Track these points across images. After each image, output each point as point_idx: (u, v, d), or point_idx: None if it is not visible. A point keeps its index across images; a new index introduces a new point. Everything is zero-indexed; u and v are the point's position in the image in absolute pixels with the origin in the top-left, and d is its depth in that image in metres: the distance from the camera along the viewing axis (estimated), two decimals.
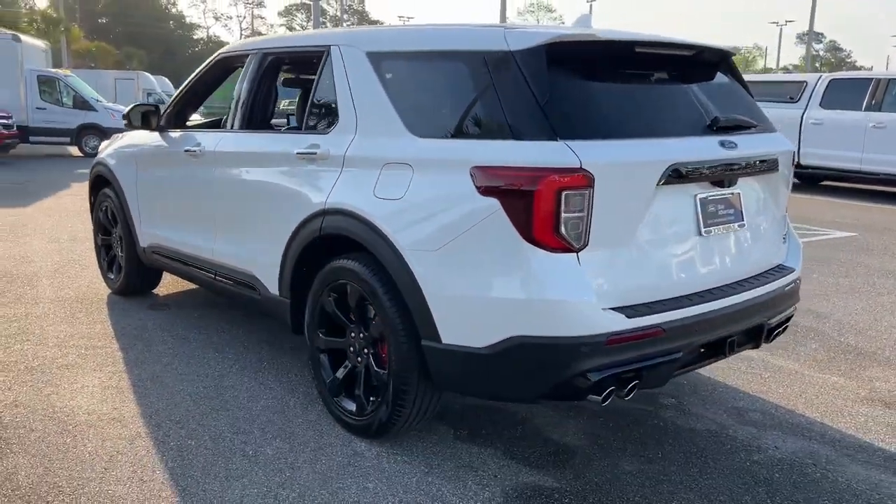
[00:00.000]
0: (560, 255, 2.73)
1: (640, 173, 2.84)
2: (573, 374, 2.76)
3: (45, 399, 3.79)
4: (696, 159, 2.97)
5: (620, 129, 2.90)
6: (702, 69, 3.42)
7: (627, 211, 2.82)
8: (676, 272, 3.00)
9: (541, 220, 2.68)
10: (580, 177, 2.68)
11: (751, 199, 3.31)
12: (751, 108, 3.53)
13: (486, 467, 3.18)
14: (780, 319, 3.50)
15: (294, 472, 3.12)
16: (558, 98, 2.82)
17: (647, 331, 2.82)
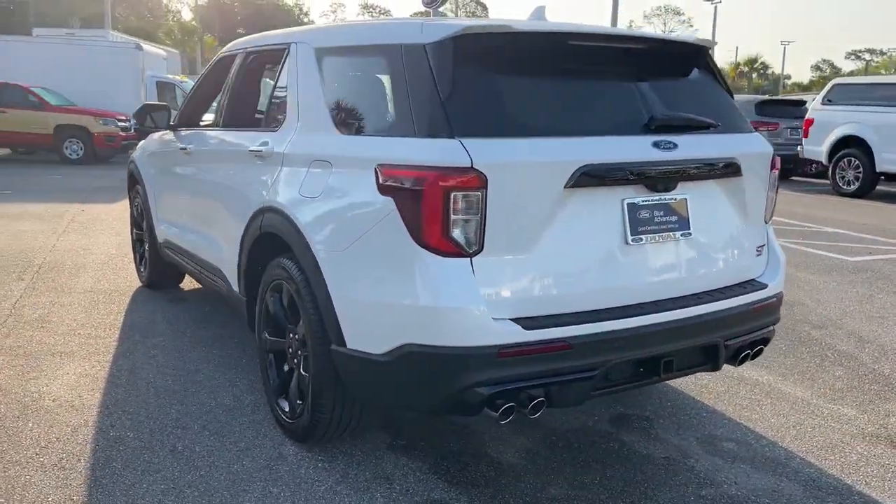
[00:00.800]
0: (451, 260, 2.55)
1: (544, 175, 2.61)
2: (462, 386, 2.58)
3: (24, 384, 3.96)
4: (616, 161, 2.71)
5: (529, 126, 2.68)
6: (659, 64, 3.13)
7: (530, 215, 2.61)
8: (593, 283, 2.75)
9: (429, 222, 2.52)
10: (471, 177, 2.50)
11: (702, 207, 2.99)
12: (720, 107, 3.20)
13: (404, 480, 3.04)
14: (746, 340, 3.15)
15: (210, 470, 3.10)
16: (463, 93, 2.65)
17: (549, 345, 2.60)
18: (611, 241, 2.76)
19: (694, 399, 3.96)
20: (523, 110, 2.73)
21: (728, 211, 3.11)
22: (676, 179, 2.86)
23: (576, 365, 2.67)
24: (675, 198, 2.90)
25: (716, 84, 3.29)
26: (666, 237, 2.87)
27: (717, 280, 3.07)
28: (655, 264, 2.87)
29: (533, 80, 2.82)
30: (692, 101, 3.13)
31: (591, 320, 2.68)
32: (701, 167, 2.93)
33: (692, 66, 3.24)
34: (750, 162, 3.11)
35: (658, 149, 2.79)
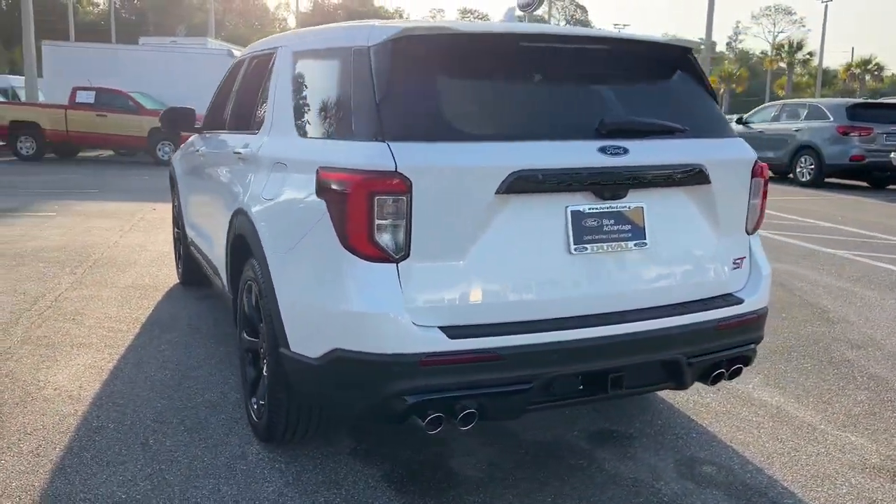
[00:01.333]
0: (376, 265, 2.51)
1: (473, 180, 2.53)
2: (385, 394, 2.54)
3: (35, 373, 4.17)
4: (552, 166, 2.59)
5: (463, 130, 2.60)
6: (627, 66, 2.98)
7: (460, 221, 2.53)
8: (530, 292, 2.64)
9: (355, 226, 2.49)
10: (395, 181, 2.45)
11: (663, 216, 2.83)
12: (696, 110, 3.02)
13: (352, 487, 3.01)
14: (718, 359, 2.96)
15: (170, 465, 3.17)
16: (399, 96, 2.61)
17: (475, 355, 2.52)
18: (552, 249, 2.65)
19: (689, 418, 3.76)
20: (460, 114, 2.65)
21: (696, 221, 2.92)
22: (626, 186, 2.71)
23: (507, 377, 2.58)
24: (629, 206, 2.75)
25: (694, 86, 3.10)
26: (616, 247, 2.73)
27: (681, 294, 2.89)
28: (603, 275, 2.73)
29: (474, 83, 2.74)
30: (661, 105, 2.96)
31: (525, 331, 2.58)
32: (656, 174, 2.77)
33: (666, 68, 3.07)
34: (722, 168, 2.92)
35: (604, 154, 2.66)
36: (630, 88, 2.95)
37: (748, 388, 4.15)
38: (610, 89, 2.88)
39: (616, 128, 2.73)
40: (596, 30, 2.99)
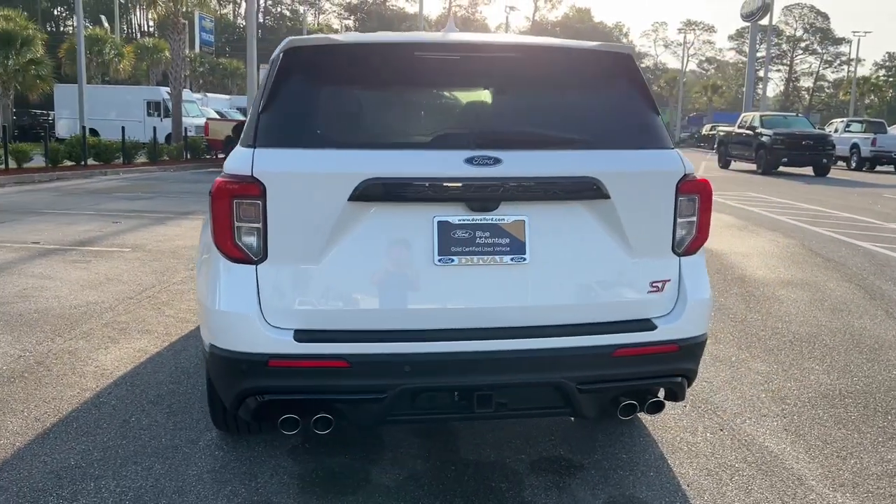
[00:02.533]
0: (239, 266, 2.63)
1: (325, 186, 2.55)
2: (239, 391, 2.64)
3: (93, 352, 4.75)
4: (408, 175, 2.53)
5: (326, 138, 2.63)
6: (541, 74, 2.83)
7: (315, 226, 2.57)
8: (388, 301, 2.60)
9: (220, 227, 2.63)
10: (250, 185, 2.56)
11: (550, 231, 2.64)
12: (612, 120, 2.80)
13: (265, 482, 3.12)
14: (624, 388, 2.72)
15: (131, 441, 3.48)
16: (276, 104, 2.71)
17: (322, 359, 2.54)
18: (415, 260, 2.59)
19: (661, 454, 3.44)
20: (327, 122, 2.69)
21: (595, 238, 2.70)
22: (497, 199, 2.58)
23: (356, 385, 2.57)
24: (505, 218, 2.61)
25: (623, 95, 2.87)
26: (490, 261, 2.61)
27: (569, 315, 2.69)
28: (473, 289, 2.62)
29: (348, 92, 2.76)
30: (571, 115, 2.78)
31: (376, 340, 2.55)
32: (535, 186, 2.60)
33: (589, 77, 2.87)
34: (627, 183, 2.67)
35: (471, 165, 2.55)
36: (539, 99, 2.80)
37: (759, 430, 3.70)
38: (512, 100, 2.76)
39: (490, 138, 2.62)
40: (517, 37, 2.86)
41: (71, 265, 7.38)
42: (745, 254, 8.69)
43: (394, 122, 2.74)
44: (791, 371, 4.60)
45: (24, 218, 10.64)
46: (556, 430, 3.64)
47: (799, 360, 4.81)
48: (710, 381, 4.41)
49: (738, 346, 5.08)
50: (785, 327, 5.57)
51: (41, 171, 17.41)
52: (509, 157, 2.59)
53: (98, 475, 3.16)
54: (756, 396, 4.16)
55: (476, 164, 2.56)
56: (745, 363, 4.74)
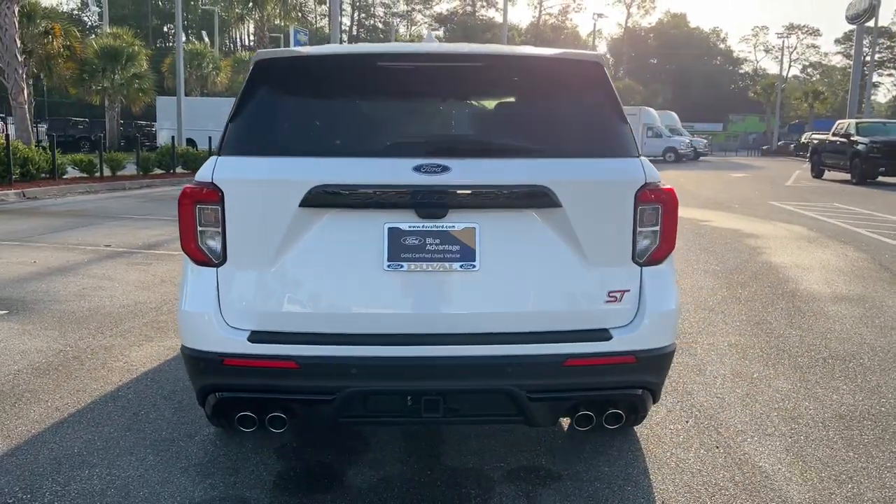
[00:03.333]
0: (203, 269, 2.76)
1: (276, 193, 2.64)
2: (199, 387, 2.76)
3: (126, 349, 5.04)
4: (354, 182, 2.59)
5: (281, 146, 2.73)
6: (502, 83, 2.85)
7: (268, 231, 2.66)
8: (338, 306, 2.66)
9: (186, 231, 2.77)
10: (209, 191, 2.68)
11: (501, 239, 2.65)
12: (570, 127, 2.78)
13: (245, 477, 3.24)
14: (576, 398, 2.69)
15: (133, 433, 3.68)
16: (247, 113, 2.83)
17: (272, 360, 2.63)
18: (366, 265, 2.65)
19: (644, 468, 3.36)
20: (286, 131, 2.79)
21: (549, 247, 2.68)
22: (445, 206, 2.61)
23: (305, 386, 2.65)
24: (455, 226, 2.63)
25: (586, 103, 2.84)
26: (439, 267, 2.64)
27: (519, 322, 2.68)
28: (422, 295, 2.65)
29: (308, 103, 2.85)
30: (527, 123, 2.78)
31: (325, 342, 2.62)
32: (483, 194, 2.61)
33: (552, 85, 2.85)
34: (581, 191, 2.65)
35: (419, 172, 2.59)
36: (499, 108, 2.82)
37: (758, 449, 3.56)
38: (469, 109, 2.80)
39: (440, 147, 2.66)
40: (486, 46, 2.88)
41: (132, 267, 7.81)
42: (806, 267, 8.31)
43: (349, 131, 2.82)
44: (814, 390, 4.40)
45: (105, 222, 11.31)
46: (542, 440, 3.62)
47: (826, 379, 4.58)
48: (723, 397, 4.26)
49: (764, 363, 4.89)
50: (823, 344, 5.32)
51: (132, 178, 18.44)
52: (458, 165, 2.61)
53: (94, 463, 3.36)
54: (766, 415, 4.00)
55: (424, 171, 2.60)
56: (766, 380, 4.55)
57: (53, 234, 10.08)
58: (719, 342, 5.33)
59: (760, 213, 13.81)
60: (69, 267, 7.76)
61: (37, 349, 4.98)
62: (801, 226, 11.98)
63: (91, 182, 17.04)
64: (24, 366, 4.65)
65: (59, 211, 12.93)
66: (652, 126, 38.65)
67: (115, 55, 31.62)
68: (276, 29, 43.75)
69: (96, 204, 14.12)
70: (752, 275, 7.82)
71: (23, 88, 17.72)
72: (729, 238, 10.50)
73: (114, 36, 33.38)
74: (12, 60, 17.50)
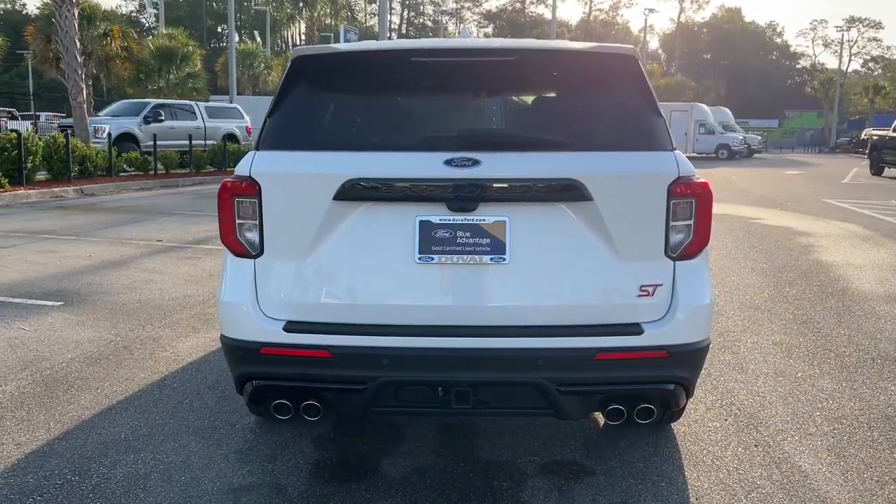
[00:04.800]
0: (240, 261, 2.84)
1: (311, 186, 2.70)
2: (240, 376, 2.84)
3: (173, 340, 5.18)
4: (386, 176, 2.63)
5: (317, 140, 2.79)
6: (535, 77, 2.86)
7: (304, 224, 2.72)
8: (371, 297, 2.71)
9: (226, 224, 2.85)
10: (248, 185, 2.76)
11: (532, 232, 2.66)
12: (603, 121, 2.78)
13: (282, 465, 3.32)
14: (606, 392, 2.68)
15: (178, 420, 3.80)
16: (285, 109, 2.90)
17: (307, 349, 2.70)
18: (397, 258, 2.69)
19: (679, 464, 3.33)
20: (321, 125, 2.84)
21: (580, 240, 2.68)
22: (476, 199, 2.63)
23: (338, 375, 2.70)
24: (486, 219, 2.66)
25: (620, 96, 2.83)
26: (469, 260, 2.66)
27: (550, 316, 2.68)
28: (453, 288, 2.68)
29: (343, 98, 2.91)
30: (561, 117, 2.79)
31: (358, 333, 2.67)
32: (514, 188, 2.63)
33: (586, 78, 2.85)
34: (612, 184, 2.64)
35: (450, 166, 2.62)
36: (531, 102, 2.83)
37: (799, 448, 3.50)
38: (502, 103, 2.82)
39: (471, 140, 2.68)
40: (521, 41, 2.89)
41: (182, 261, 8.02)
42: (859, 266, 8.09)
43: (381, 126, 2.86)
44: (860, 390, 4.29)
45: (157, 218, 11.63)
46: (577, 435, 3.61)
47: (874, 380, 4.47)
48: (764, 395, 4.19)
49: (809, 362, 4.79)
50: (872, 344, 5.18)
51: (185, 175, 18.90)
52: (489, 159, 2.63)
53: (139, 448, 3.48)
54: (809, 414, 3.93)
55: (455, 165, 2.63)
56: (810, 380, 4.46)
57: (108, 229, 10.40)
58: (763, 341, 5.24)
59: (814, 211, 13.48)
60: (122, 261, 8.01)
61: (89, 339, 5.16)
62: (856, 224, 11.65)
63: (145, 179, 17.52)
64: (77, 354, 4.83)
65: (115, 207, 13.34)
66: (704, 122, 37.93)
67: (169, 55, 32.37)
68: (326, 28, 44.21)
69: (150, 201, 14.52)
70: (801, 273, 7.65)
71: (82, 89, 18.28)
72: (779, 236, 10.28)
73: (169, 37, 34.17)
74: (72, 62, 18.08)
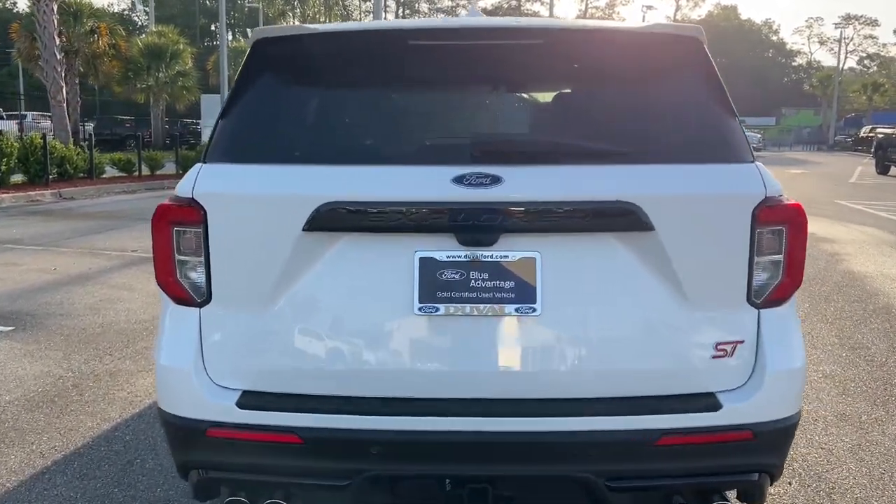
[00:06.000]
0: (183, 309, 2.14)
1: (275, 212, 2.01)
2: (179, 463, 2.15)
3: (130, 376, 4.49)
4: (376, 198, 1.94)
5: (286, 150, 2.10)
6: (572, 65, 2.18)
7: (265, 262, 2.03)
8: (354, 361, 2.02)
9: (162, 261, 2.15)
10: (189, 209, 2.06)
11: (570, 272, 1.97)
12: (665, 123, 2.10)
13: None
14: (671, 487, 2.00)
15: (117, 489, 3.12)
16: (243, 107, 2.21)
17: (268, 432, 2.00)
18: (391, 308, 2.00)
19: None
20: (290, 130, 2.15)
21: (635, 283, 1.99)
22: (496, 229, 1.94)
23: (311, 467, 2.01)
24: (509, 255, 1.97)
25: (680, 90, 2.15)
26: (486, 311, 1.97)
27: (600, 386, 2.00)
28: (463, 348, 1.99)
29: (319, 93, 2.22)
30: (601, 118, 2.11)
31: (337, 410, 1.98)
32: (544, 213, 1.94)
33: (635, 66, 2.17)
34: (682, 208, 1.96)
35: (461, 185, 1.93)
36: (565, 99, 2.15)
37: None
38: (527, 101, 2.14)
39: (490, 149, 1.99)
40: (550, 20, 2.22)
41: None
42: (895, 277, 7.43)
43: (369, 131, 2.17)
44: None
45: (137, 224, 10.90)
46: None
47: None
48: (830, 448, 3.52)
49: (871, 401, 4.11)
50: None
51: (171, 177, 18.13)
52: (513, 175, 1.95)
53: None
54: (890, 475, 3.25)
55: (467, 183, 1.93)
56: (879, 424, 3.79)
57: (82, 237, 9.69)
58: (812, 372, 4.56)
59: (829, 214, 12.82)
60: (90, 275, 7.30)
61: (35, 375, 4.46)
62: (876, 228, 11.01)
63: (129, 181, 16.80)
64: (17, 396, 4.13)
65: (93, 212, 12.61)
66: None
67: (159, 53, 31.63)
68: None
69: (132, 204, 13.79)
70: (834, 286, 6.98)
71: (62, 87, 17.51)
72: None
73: (158, 34, 33.44)
74: (51, 58, 17.30)
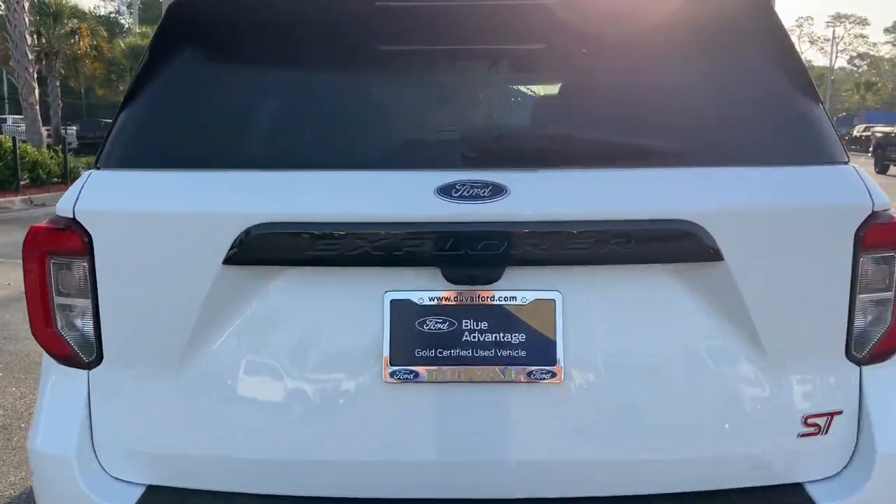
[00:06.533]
0: (66, 372, 1.56)
1: (189, 237, 1.42)
2: None
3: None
4: (329, 217, 1.36)
5: (204, 150, 1.52)
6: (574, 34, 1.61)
7: (175, 307, 1.45)
8: (299, 447, 1.44)
9: (35, 305, 1.56)
10: (70, 234, 1.48)
11: (603, 320, 1.40)
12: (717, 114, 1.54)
13: None
14: None
15: None
16: (150, 94, 1.63)
17: None
18: (350, 373, 1.42)
19: None
20: (210, 124, 1.57)
21: (694, 333, 1.42)
22: (499, 261, 1.36)
23: None
24: (517, 297, 1.39)
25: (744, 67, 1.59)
26: (485, 376, 1.40)
27: (644, 479, 1.43)
28: (452, 430, 1.42)
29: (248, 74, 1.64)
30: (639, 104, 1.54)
31: None
32: (568, 238, 1.36)
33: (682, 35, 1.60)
34: (760, 229, 1.39)
35: (448, 197, 1.35)
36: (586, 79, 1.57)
37: None
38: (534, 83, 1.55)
39: (485, 149, 1.42)
40: None
41: None
42: None
43: (319, 125, 1.58)
44: None
45: None
46: None
47: None
48: None
49: None
50: None
51: None
52: (522, 183, 1.37)
53: None
54: None
55: (458, 196, 1.35)
56: None
57: None
58: None
59: None
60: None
61: None
62: None
63: None
64: None
65: None
66: None
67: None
68: None
69: None
70: None
71: (34, 88, 16.79)
72: None
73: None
74: (22, 59, 16.57)
